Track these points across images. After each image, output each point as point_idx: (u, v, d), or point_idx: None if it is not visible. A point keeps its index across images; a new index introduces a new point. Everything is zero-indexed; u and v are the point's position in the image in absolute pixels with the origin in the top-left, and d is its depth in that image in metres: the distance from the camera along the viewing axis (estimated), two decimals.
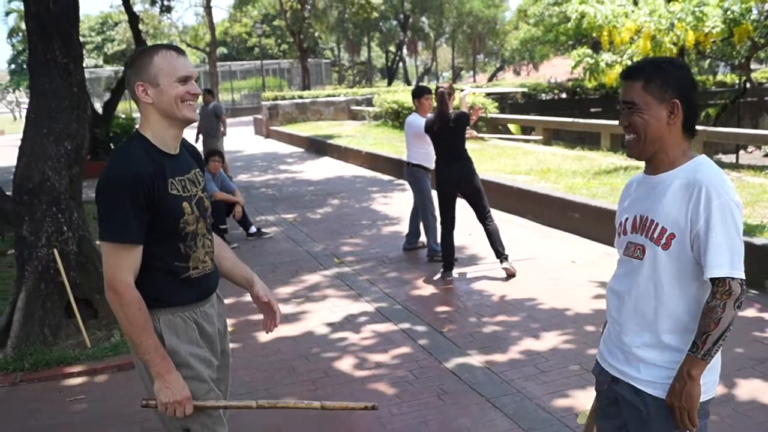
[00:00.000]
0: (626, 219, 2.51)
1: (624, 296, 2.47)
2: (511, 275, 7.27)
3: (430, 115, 7.64)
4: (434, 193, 8.06)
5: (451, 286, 7.25)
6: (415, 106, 8.21)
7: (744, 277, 2.25)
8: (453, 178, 7.31)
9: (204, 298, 2.80)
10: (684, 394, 2.29)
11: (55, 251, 5.91)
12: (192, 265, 2.70)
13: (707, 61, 22.93)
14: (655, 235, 2.35)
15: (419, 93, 8.16)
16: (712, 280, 2.24)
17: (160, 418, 2.71)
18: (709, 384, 2.38)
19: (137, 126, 2.73)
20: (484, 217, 7.36)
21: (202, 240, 2.75)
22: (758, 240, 6.42)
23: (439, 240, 7.69)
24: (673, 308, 2.36)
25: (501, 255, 7.34)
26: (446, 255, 7.46)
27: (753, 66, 26.10)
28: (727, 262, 2.22)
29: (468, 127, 7.54)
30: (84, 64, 6.49)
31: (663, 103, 2.31)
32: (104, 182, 2.55)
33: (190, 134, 2.79)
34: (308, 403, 2.77)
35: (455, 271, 7.51)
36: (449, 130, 7.26)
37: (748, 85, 22.42)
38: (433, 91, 7.67)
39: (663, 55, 15.87)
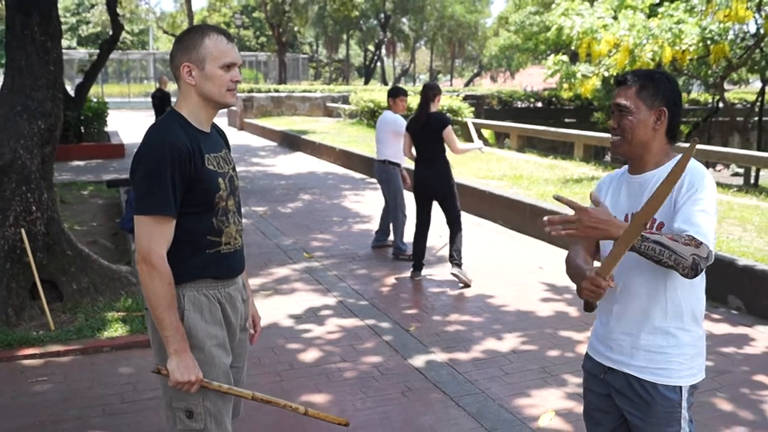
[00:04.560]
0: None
1: (616, 288, 2.51)
2: (465, 285, 7.18)
3: (412, 115, 7.67)
4: (407, 193, 8.12)
5: (419, 285, 7.29)
6: (389, 104, 8.35)
7: (713, 252, 2.30)
8: (427, 179, 7.33)
9: (231, 277, 2.78)
10: (608, 224, 2.27)
11: (23, 231, 5.84)
12: (224, 240, 2.71)
13: (682, 79, 23.23)
14: (646, 228, 2.41)
15: (395, 93, 8.31)
16: (691, 237, 2.27)
17: (166, 397, 2.70)
18: (697, 367, 2.49)
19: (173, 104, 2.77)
20: (452, 223, 7.31)
21: (233, 217, 2.75)
22: (722, 256, 6.51)
23: (409, 240, 7.71)
24: (665, 294, 2.45)
25: (454, 261, 7.27)
26: (417, 255, 7.47)
27: (726, 86, 26.47)
28: (707, 233, 2.29)
29: (480, 140, 7.86)
30: None
31: (652, 109, 2.49)
32: (144, 152, 2.55)
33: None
34: (295, 406, 2.91)
35: (424, 272, 7.54)
36: (428, 131, 7.25)
37: (720, 104, 22.73)
38: (421, 90, 7.54)
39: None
